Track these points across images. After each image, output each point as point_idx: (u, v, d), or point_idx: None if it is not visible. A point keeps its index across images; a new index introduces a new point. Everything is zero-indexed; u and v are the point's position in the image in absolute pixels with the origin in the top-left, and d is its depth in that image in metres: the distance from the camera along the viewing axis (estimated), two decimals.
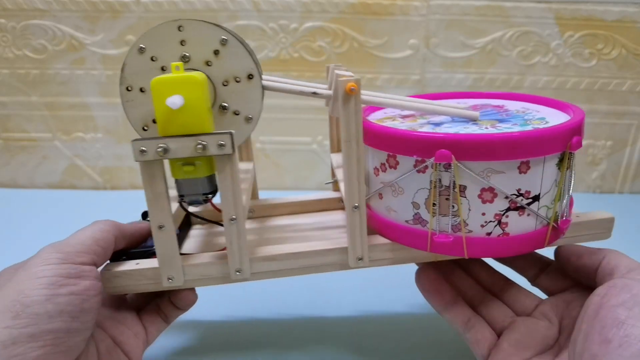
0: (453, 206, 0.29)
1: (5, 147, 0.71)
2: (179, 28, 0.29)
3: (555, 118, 0.32)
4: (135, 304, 0.37)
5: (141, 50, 0.30)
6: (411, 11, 0.62)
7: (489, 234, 0.29)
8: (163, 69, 0.30)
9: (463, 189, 0.28)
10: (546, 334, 0.33)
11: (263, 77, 0.32)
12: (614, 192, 0.74)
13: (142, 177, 0.28)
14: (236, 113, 0.31)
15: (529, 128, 0.29)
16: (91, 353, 0.31)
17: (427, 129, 0.31)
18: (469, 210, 0.29)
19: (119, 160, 0.72)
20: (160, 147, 0.27)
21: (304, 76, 0.65)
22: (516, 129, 0.29)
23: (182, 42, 0.29)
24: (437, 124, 0.32)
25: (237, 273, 0.32)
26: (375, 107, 0.38)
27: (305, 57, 0.65)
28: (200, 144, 0.27)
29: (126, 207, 0.47)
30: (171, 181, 0.30)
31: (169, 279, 0.32)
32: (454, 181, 0.28)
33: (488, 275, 0.38)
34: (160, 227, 0.30)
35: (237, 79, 0.30)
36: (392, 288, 0.48)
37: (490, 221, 0.29)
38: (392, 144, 0.29)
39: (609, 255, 0.32)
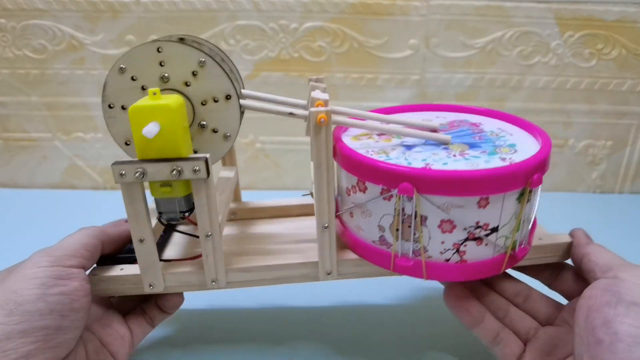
0: (415, 233, 0.30)
1: (5, 147, 0.71)
2: (158, 49, 0.30)
3: (525, 146, 0.33)
4: (121, 307, 0.39)
5: (122, 70, 0.31)
6: (411, 11, 0.62)
7: (447, 260, 0.31)
8: (143, 88, 0.31)
9: (424, 219, 0.30)
10: (566, 340, 0.34)
11: (245, 92, 0.34)
12: (614, 192, 0.74)
13: (123, 197, 0.30)
14: (214, 131, 0.32)
15: (495, 158, 0.31)
16: (80, 353, 0.33)
17: (398, 151, 0.32)
18: (429, 238, 0.30)
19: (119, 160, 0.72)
20: (138, 171, 0.28)
21: (304, 76, 0.66)
22: (483, 158, 0.31)
23: (161, 63, 0.30)
24: (409, 147, 0.33)
25: (213, 282, 0.34)
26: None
27: (305, 57, 0.65)
28: (175, 169, 0.28)
29: None
30: (152, 198, 0.31)
31: (150, 285, 0.35)
32: (416, 211, 0.29)
33: (511, 286, 0.38)
34: (141, 240, 0.32)
35: (215, 99, 0.31)
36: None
37: (449, 249, 0.31)
38: (361, 171, 0.31)
39: (588, 254, 0.34)
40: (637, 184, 0.73)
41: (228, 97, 0.31)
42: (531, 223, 0.33)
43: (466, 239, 0.30)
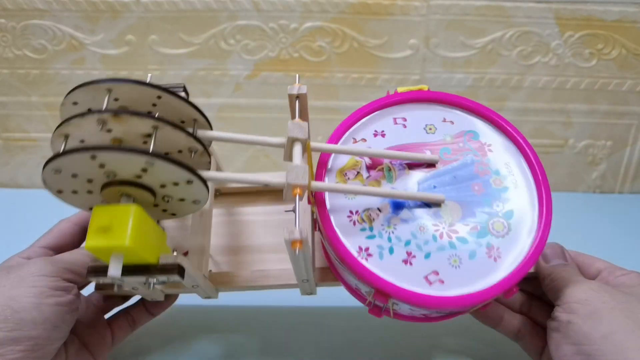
0: (386, 306, 0.31)
1: (5, 147, 0.71)
2: (92, 157, 0.25)
3: (524, 215, 0.30)
4: (104, 308, 0.40)
5: (58, 172, 0.27)
6: (411, 11, 0.62)
7: (414, 316, 0.33)
8: (89, 181, 0.27)
9: (395, 305, 0.31)
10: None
11: (211, 134, 0.31)
12: (614, 192, 0.73)
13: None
14: (182, 199, 0.29)
15: (482, 248, 0.29)
16: (60, 356, 0.34)
17: (383, 218, 0.30)
18: (399, 307, 0.32)
19: None
20: (115, 283, 0.29)
21: (304, 76, 0.66)
22: (469, 247, 0.29)
23: (101, 165, 0.26)
24: (397, 207, 0.31)
25: (207, 297, 0.36)
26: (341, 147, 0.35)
27: (305, 57, 0.65)
28: (148, 281, 0.29)
29: None
30: None
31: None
32: (387, 306, 0.30)
33: (527, 284, 0.39)
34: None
35: (176, 183, 0.27)
36: None
37: (417, 315, 0.33)
38: (342, 265, 0.30)
39: (549, 276, 0.35)
40: (637, 184, 0.73)
41: (189, 182, 0.27)
42: None
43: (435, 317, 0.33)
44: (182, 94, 0.30)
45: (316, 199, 0.31)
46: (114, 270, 0.25)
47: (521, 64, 0.65)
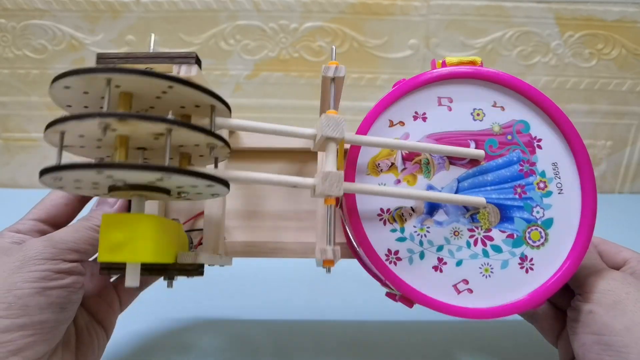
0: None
1: (5, 147, 0.71)
2: (97, 172, 0.23)
3: (563, 225, 0.29)
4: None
5: (58, 179, 0.25)
6: (411, 11, 0.62)
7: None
8: (95, 186, 0.25)
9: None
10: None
11: (233, 122, 0.28)
12: (614, 192, 0.73)
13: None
14: (199, 193, 0.27)
15: (516, 255, 0.29)
16: (69, 331, 0.33)
17: (417, 218, 0.28)
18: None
19: None
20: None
21: (304, 76, 0.66)
22: (502, 257, 0.29)
23: (109, 176, 0.23)
24: (432, 208, 0.29)
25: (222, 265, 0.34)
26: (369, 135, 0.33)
27: (305, 57, 0.65)
28: (168, 278, 0.29)
29: None
30: None
31: None
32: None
33: None
34: None
35: (194, 185, 0.25)
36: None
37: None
38: (368, 266, 0.30)
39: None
40: (637, 184, 0.73)
41: (210, 186, 0.24)
42: None
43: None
44: (194, 67, 0.27)
45: (348, 210, 0.29)
46: (132, 281, 0.24)
47: (521, 64, 0.65)
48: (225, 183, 0.25)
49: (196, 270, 0.28)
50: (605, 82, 0.66)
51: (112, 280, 0.38)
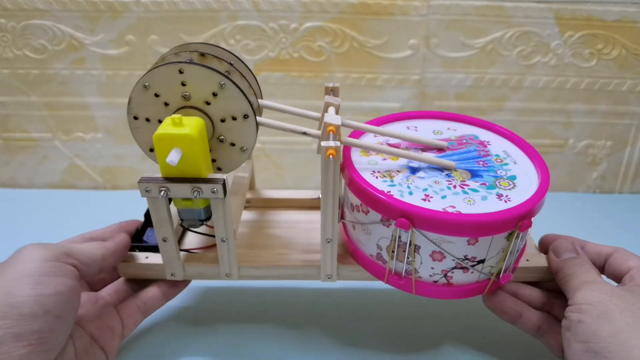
0: (408, 257, 0.33)
1: (5, 147, 0.71)
2: (180, 71, 0.31)
3: (525, 180, 0.34)
4: (114, 298, 0.39)
5: (145, 87, 0.32)
6: (411, 11, 0.62)
7: (435, 282, 0.34)
8: (166, 104, 0.32)
9: (417, 247, 0.33)
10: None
11: (263, 102, 0.37)
12: (614, 192, 0.74)
13: (149, 206, 0.33)
14: (232, 144, 0.34)
15: (492, 194, 0.33)
16: (69, 351, 0.32)
17: (402, 175, 0.34)
18: (421, 263, 0.33)
19: (119, 160, 0.72)
20: (162, 189, 0.31)
21: (304, 76, 0.65)
22: (480, 193, 0.33)
23: (183, 83, 0.31)
24: (414, 170, 0.35)
25: (227, 275, 0.38)
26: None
27: (305, 57, 0.65)
28: (195, 189, 0.31)
29: (126, 207, 0.47)
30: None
31: (172, 274, 0.38)
32: (410, 241, 0.32)
33: (551, 284, 0.39)
34: (164, 239, 0.36)
35: (234, 118, 0.32)
36: None
37: (438, 274, 0.34)
38: (365, 198, 0.33)
39: (561, 270, 0.36)
40: (637, 184, 0.73)
41: (246, 117, 0.32)
42: (519, 252, 0.36)
43: (454, 268, 0.33)
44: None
45: (345, 163, 0.35)
46: (173, 156, 0.29)
47: (521, 64, 0.65)
48: (256, 121, 0.33)
49: (221, 181, 0.31)
50: (606, 82, 0.66)
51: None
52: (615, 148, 0.70)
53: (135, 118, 0.33)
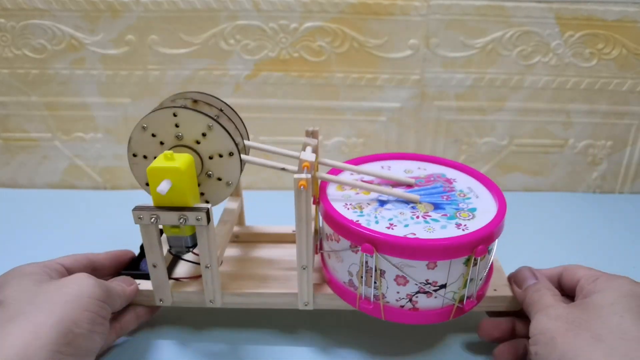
0: (375, 282, 0.35)
1: (5, 147, 0.71)
2: (174, 114, 0.35)
3: (485, 212, 0.37)
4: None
5: (144, 128, 0.36)
6: (411, 11, 0.62)
7: (402, 306, 0.36)
8: (162, 143, 0.36)
9: (382, 272, 0.35)
10: None
11: (248, 143, 0.40)
12: (615, 192, 0.73)
13: (141, 233, 0.36)
14: (219, 179, 0.38)
15: (452, 224, 0.35)
16: None
17: (371, 207, 0.38)
18: (387, 287, 0.36)
19: (119, 160, 0.72)
20: (153, 216, 0.34)
21: (304, 76, 0.65)
22: (441, 222, 0.35)
23: (176, 125, 0.36)
24: (383, 203, 0.38)
25: (211, 302, 0.40)
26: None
27: (305, 57, 0.65)
28: (182, 217, 0.34)
29: (126, 207, 0.47)
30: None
31: (160, 300, 0.41)
32: (376, 266, 0.34)
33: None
34: (154, 265, 0.38)
35: (221, 155, 0.37)
36: None
37: (403, 298, 0.36)
38: (336, 227, 0.36)
39: (525, 300, 0.37)
40: (637, 184, 0.73)
41: (231, 154, 0.37)
42: (482, 280, 0.38)
43: (418, 292, 0.35)
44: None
45: (320, 196, 0.39)
46: (164, 186, 0.32)
47: (521, 64, 0.65)
48: (240, 160, 0.37)
49: (205, 210, 0.34)
50: (606, 82, 0.66)
51: None
52: (615, 148, 0.70)
53: (134, 155, 0.37)
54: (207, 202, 0.39)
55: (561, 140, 0.70)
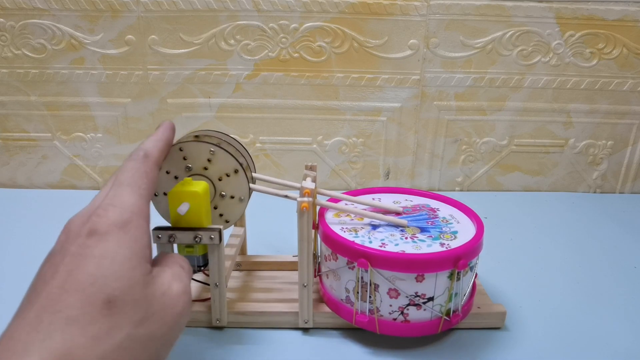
0: (370, 296, 0.39)
1: (4, 147, 0.71)
2: (180, 149, 0.39)
3: (465, 234, 0.41)
4: None
5: (160, 168, 0.39)
6: (411, 11, 0.62)
7: (394, 319, 0.39)
8: (176, 177, 0.40)
9: (376, 286, 0.38)
10: None
11: (255, 175, 0.44)
12: (615, 192, 0.73)
13: (157, 251, 0.38)
14: (232, 197, 0.41)
15: (436, 243, 0.40)
16: None
17: (365, 230, 0.42)
18: (381, 301, 0.39)
19: (119, 160, 0.72)
20: (171, 235, 0.38)
21: (304, 76, 0.65)
22: (427, 242, 0.40)
23: (184, 158, 0.40)
24: (375, 227, 0.43)
25: (217, 321, 0.43)
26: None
27: (305, 57, 0.65)
28: (197, 236, 0.38)
29: None
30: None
31: None
32: (370, 280, 0.38)
33: None
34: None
35: (228, 175, 0.40)
36: None
37: (395, 311, 0.39)
38: (334, 246, 0.40)
39: None
40: (638, 184, 0.73)
41: (236, 171, 0.40)
42: (466, 295, 0.41)
43: (408, 304, 0.38)
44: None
45: (319, 221, 0.43)
46: (183, 208, 0.36)
47: (521, 63, 0.65)
48: (245, 175, 0.40)
49: (218, 230, 0.38)
50: (606, 81, 0.66)
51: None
52: (616, 148, 0.70)
53: (156, 195, 0.41)
54: (227, 221, 0.42)
55: (561, 140, 0.70)
